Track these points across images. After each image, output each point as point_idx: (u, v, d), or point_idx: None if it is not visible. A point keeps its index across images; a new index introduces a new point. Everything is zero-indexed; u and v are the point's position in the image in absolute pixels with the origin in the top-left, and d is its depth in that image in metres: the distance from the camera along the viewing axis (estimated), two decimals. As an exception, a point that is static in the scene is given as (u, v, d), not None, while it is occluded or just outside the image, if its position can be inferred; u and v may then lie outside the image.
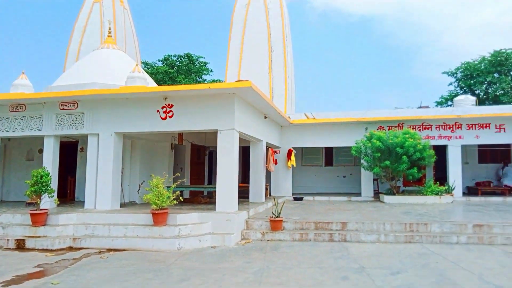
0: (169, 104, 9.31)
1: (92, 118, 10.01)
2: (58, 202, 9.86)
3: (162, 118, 9.40)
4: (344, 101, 75.42)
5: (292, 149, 15.60)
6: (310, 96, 73.28)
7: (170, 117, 9.32)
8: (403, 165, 13.00)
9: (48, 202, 9.33)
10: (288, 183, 15.99)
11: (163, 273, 6.21)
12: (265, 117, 12.28)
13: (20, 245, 8.14)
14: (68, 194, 12.60)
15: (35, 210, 8.69)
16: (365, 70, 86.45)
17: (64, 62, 18.21)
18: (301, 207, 12.67)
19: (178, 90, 9.23)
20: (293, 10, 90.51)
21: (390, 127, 15.02)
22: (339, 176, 18.35)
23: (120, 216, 8.96)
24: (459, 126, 14.63)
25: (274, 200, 9.57)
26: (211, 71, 32.62)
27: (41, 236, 8.37)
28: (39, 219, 8.60)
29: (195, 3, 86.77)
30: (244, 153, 16.70)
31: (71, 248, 8.14)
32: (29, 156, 13.43)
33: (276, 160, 15.72)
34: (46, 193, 9.00)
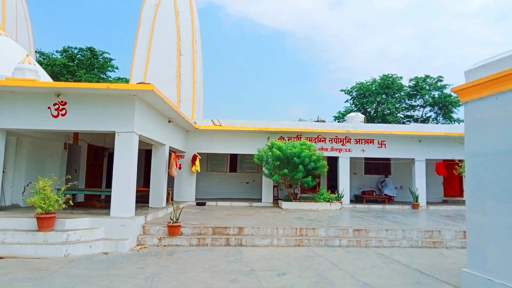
0: (62, 101, 8.68)
1: (-31, 110, 8.85)
2: None
3: (53, 116, 8.71)
4: (253, 110, 77.80)
5: (197, 154, 15.63)
6: (221, 102, 74.11)
7: (63, 115, 8.69)
8: (299, 174, 13.92)
9: None
10: (192, 188, 15.95)
11: (44, 282, 5.77)
12: (169, 121, 12.14)
13: None
14: None
15: None
16: (276, 81, 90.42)
17: None
18: (202, 212, 12.76)
19: (72, 87, 8.63)
20: (207, 15, 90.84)
21: (290, 138, 16.00)
22: (242, 182, 18.87)
23: (-4, 220, 8.04)
24: (349, 140, 16.23)
25: (173, 205, 9.51)
26: (116, 68, 31.03)
27: None
28: None
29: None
30: (147, 156, 16.25)
31: None
32: None
33: (180, 164, 15.61)
34: None
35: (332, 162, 16.76)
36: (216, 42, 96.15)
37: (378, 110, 35.03)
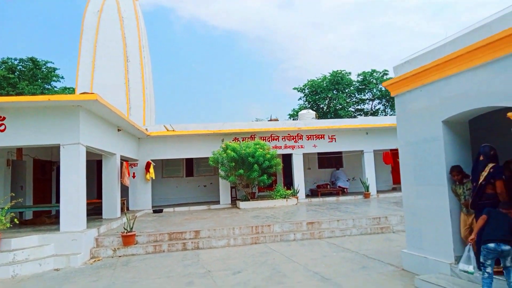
0: (0, 117, 8.31)
1: None
2: None
3: (-9, 132, 8.32)
4: (210, 112, 77.47)
5: (150, 161, 15.43)
6: (177, 107, 73.12)
7: (2, 130, 8.30)
8: (254, 173, 14.16)
9: None
10: (147, 196, 15.72)
11: (-12, 307, 5.55)
12: (118, 130, 11.93)
13: None
14: None
15: None
16: (232, 82, 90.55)
17: None
18: (159, 219, 12.64)
19: (9, 101, 8.29)
20: (156, 19, 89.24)
21: (244, 138, 16.21)
22: (200, 186, 18.84)
23: None
24: (301, 137, 16.71)
25: (126, 215, 9.39)
26: (62, 77, 29.73)
27: None
28: None
29: (44, 2, 78.05)
30: (99, 167, 15.80)
31: None
32: None
33: (133, 173, 15.34)
34: None
35: (287, 159, 17.18)
36: (169, 46, 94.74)
37: (331, 105, 36.17)
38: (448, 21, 76.34)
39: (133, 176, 15.32)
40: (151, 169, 15.36)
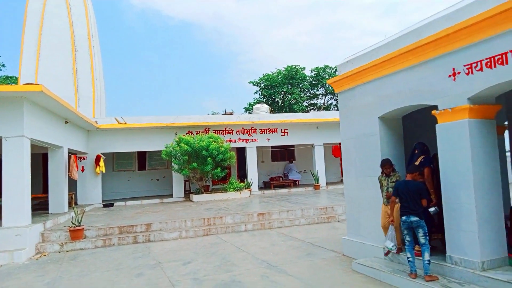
0: None
1: None
2: None
3: None
4: (165, 104, 75.97)
5: (100, 154, 15.04)
6: (130, 98, 70.95)
7: None
8: (208, 166, 14.27)
9: None
10: (97, 190, 15.33)
11: None
12: (66, 122, 11.54)
13: None
14: None
15: None
16: (187, 74, 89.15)
17: None
18: (109, 213, 12.43)
19: None
20: (107, 6, 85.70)
21: (198, 132, 16.24)
22: (152, 179, 18.63)
23: None
24: (254, 130, 17.02)
25: (74, 209, 9.19)
26: (3, 65, 27.93)
27: None
28: None
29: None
30: (45, 160, 15.16)
31: None
32: None
33: (82, 166, 14.89)
34: None
35: (241, 152, 17.43)
36: (121, 36, 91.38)
37: (285, 100, 36.89)
38: (398, 19, 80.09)
39: (82, 170, 14.87)
40: (101, 163, 14.98)
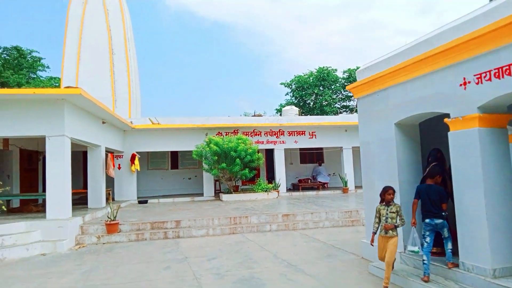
0: (-14, 108, 8.66)
1: None
2: None
3: (-23, 123, 8.66)
4: (199, 104, 77.55)
5: (135, 153, 15.82)
6: (164, 98, 72.94)
7: (-12, 122, 8.67)
8: (236, 167, 14.68)
9: None
10: (133, 187, 16.14)
11: (-22, 286, 6.00)
12: (103, 122, 12.30)
13: None
14: None
15: None
16: (220, 74, 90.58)
17: None
18: (143, 209, 13.10)
19: (-4, 93, 8.65)
20: (144, 8, 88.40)
21: (227, 133, 16.71)
22: (184, 178, 19.31)
23: None
24: (282, 132, 17.29)
25: (110, 204, 9.84)
26: (47, 67, 29.76)
27: None
28: None
29: (31, -12, 76.39)
30: (85, 158, 16.13)
31: None
32: None
33: (119, 164, 15.72)
34: None
35: (270, 154, 17.74)
36: (157, 37, 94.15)
37: (317, 101, 36.81)
38: (432, 18, 77.57)
39: (119, 168, 15.71)
40: (136, 161, 15.76)
